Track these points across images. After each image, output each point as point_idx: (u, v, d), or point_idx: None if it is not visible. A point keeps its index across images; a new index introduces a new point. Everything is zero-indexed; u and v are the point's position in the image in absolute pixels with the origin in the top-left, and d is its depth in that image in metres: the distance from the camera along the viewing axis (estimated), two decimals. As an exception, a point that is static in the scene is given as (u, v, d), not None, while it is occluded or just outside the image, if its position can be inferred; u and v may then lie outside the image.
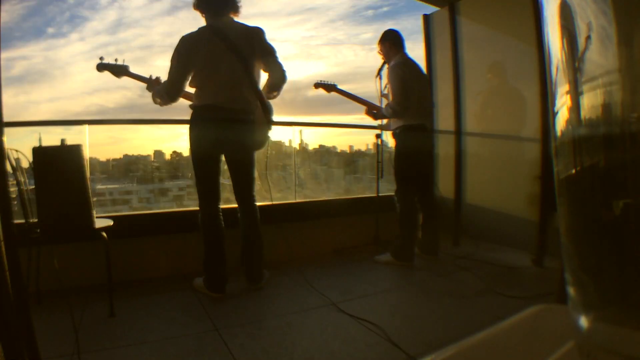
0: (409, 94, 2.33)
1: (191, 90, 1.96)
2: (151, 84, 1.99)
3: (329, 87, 2.48)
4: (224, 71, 1.88)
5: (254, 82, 1.97)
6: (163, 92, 1.91)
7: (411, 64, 2.43)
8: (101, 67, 1.97)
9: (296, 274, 2.23)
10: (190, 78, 1.89)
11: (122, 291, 1.95)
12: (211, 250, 1.93)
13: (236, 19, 1.97)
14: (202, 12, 1.94)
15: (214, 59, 1.87)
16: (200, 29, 1.91)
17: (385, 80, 2.48)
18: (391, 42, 2.44)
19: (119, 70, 1.98)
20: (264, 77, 2.04)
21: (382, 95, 2.54)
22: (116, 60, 1.98)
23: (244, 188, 2.05)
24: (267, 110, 2.03)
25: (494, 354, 0.29)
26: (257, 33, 1.97)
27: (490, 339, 0.31)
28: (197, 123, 1.92)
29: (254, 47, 1.95)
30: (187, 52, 1.85)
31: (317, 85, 2.48)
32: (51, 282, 1.74)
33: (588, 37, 0.18)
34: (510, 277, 2.23)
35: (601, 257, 0.19)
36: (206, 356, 1.41)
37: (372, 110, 2.53)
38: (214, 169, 1.96)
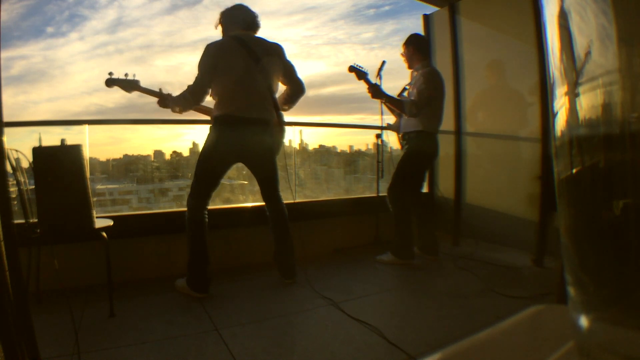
0: (433, 103, 2.38)
1: (208, 100, 2.02)
2: (163, 97, 2.01)
3: (361, 75, 2.42)
4: (246, 79, 1.96)
5: (272, 91, 2.07)
6: (187, 94, 1.95)
7: (441, 74, 2.47)
8: (110, 82, 1.98)
9: (296, 274, 2.22)
10: (213, 83, 1.95)
11: (122, 291, 1.95)
12: (197, 249, 1.95)
13: (258, 30, 2.08)
14: (225, 26, 2.03)
15: (237, 66, 1.94)
16: (225, 38, 2.01)
17: (404, 81, 2.49)
18: (416, 47, 2.46)
19: (129, 85, 1.99)
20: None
21: (400, 96, 2.55)
22: (126, 75, 1.98)
23: (269, 189, 2.11)
24: (281, 118, 2.12)
25: (494, 354, 0.29)
26: (278, 49, 2.09)
27: (490, 339, 0.31)
28: (218, 130, 1.97)
29: (275, 61, 2.05)
30: (213, 57, 1.93)
31: (352, 69, 2.43)
32: (51, 282, 1.74)
33: (588, 53, 0.18)
34: (510, 277, 2.23)
35: (601, 257, 0.19)
36: (206, 356, 1.41)
37: (394, 101, 2.50)
38: (219, 175, 2.01)
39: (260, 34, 2.08)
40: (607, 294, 0.19)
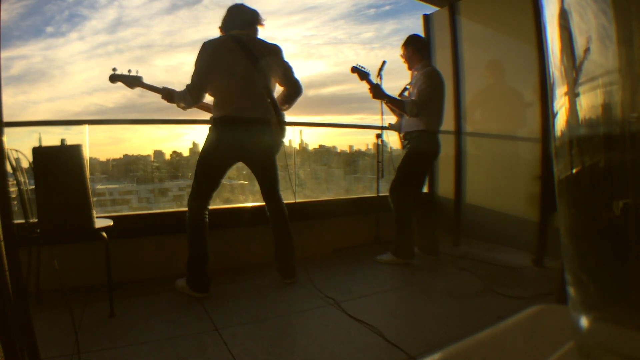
0: (434, 102, 2.38)
1: (210, 98, 2.02)
2: (165, 94, 2.02)
3: (363, 75, 2.43)
4: (245, 80, 1.95)
5: (270, 91, 2.06)
6: (186, 93, 1.96)
7: (441, 74, 2.47)
8: (114, 78, 1.99)
9: (296, 274, 2.22)
10: (211, 82, 1.95)
11: (122, 291, 1.95)
12: (197, 248, 1.95)
13: (259, 29, 2.07)
14: (224, 25, 2.02)
15: (234, 65, 1.94)
16: (223, 37, 2.01)
17: (404, 81, 2.49)
18: (415, 48, 2.47)
19: (133, 81, 2.01)
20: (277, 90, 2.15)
21: (401, 96, 2.55)
22: (129, 71, 2.00)
23: (270, 189, 2.12)
24: (281, 117, 2.11)
25: (494, 354, 0.29)
26: (276, 50, 2.08)
27: (490, 339, 0.31)
28: (217, 131, 1.97)
29: (274, 62, 2.05)
30: (209, 56, 1.92)
31: (354, 69, 2.43)
32: (51, 282, 1.73)
33: (587, 50, 0.18)
34: (510, 277, 2.23)
35: (601, 257, 0.19)
36: (206, 356, 1.41)
37: (394, 101, 2.49)
38: (219, 176, 2.01)
39: (260, 33, 2.08)
40: (607, 294, 0.19)
